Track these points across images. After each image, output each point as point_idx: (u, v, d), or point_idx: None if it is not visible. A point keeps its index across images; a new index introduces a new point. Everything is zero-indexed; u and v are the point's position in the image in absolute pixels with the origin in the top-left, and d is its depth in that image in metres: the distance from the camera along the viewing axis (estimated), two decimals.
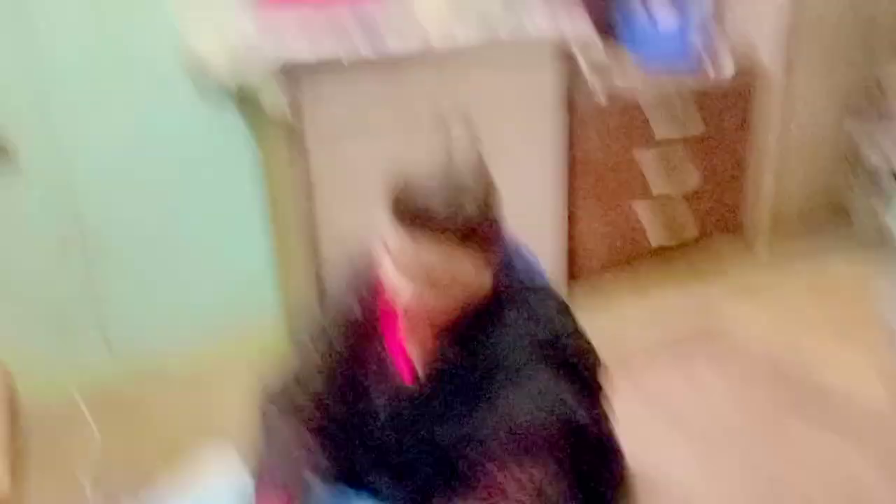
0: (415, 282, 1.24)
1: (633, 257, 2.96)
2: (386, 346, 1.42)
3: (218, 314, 2.74)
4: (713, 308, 2.93)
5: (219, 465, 1.62)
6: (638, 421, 2.28)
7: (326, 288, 2.32)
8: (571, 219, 2.79)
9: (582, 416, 1.32)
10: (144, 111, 2.44)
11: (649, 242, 2.96)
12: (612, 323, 2.81)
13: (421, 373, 1.39)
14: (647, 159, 2.85)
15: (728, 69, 3.04)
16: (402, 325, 1.39)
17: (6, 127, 2.27)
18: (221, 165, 2.61)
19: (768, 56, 3.04)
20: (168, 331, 2.67)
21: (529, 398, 1.25)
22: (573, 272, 2.85)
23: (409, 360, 1.41)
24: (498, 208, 1.28)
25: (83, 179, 2.41)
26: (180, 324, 2.68)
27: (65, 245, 2.43)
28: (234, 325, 2.75)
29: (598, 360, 1.38)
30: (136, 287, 2.57)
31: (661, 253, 3.02)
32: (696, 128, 2.91)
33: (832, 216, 3.41)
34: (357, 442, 1.46)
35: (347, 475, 1.45)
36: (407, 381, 1.40)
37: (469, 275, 1.25)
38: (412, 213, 1.21)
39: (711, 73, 3.02)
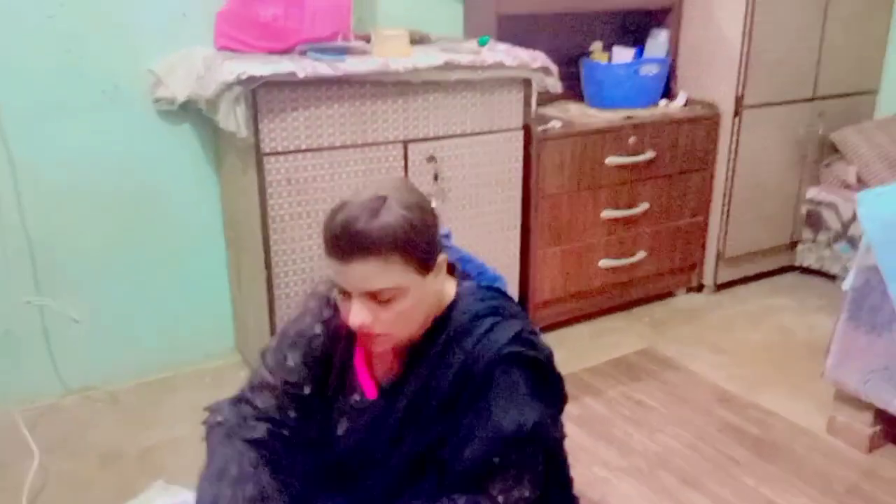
0: (364, 302, 1.24)
1: (586, 285, 3.00)
2: (349, 361, 1.42)
3: (170, 340, 2.69)
4: (659, 335, 3.01)
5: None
6: (580, 441, 2.31)
7: (280, 309, 2.35)
8: (526, 247, 2.82)
9: (557, 432, 1.36)
10: (98, 128, 2.41)
11: (601, 270, 3.01)
12: (562, 348, 2.84)
13: (385, 385, 1.39)
14: (600, 190, 2.91)
15: (681, 105, 3.15)
16: (363, 342, 1.39)
17: None
18: (178, 186, 2.59)
19: (721, 95, 3.14)
20: (117, 355, 2.61)
21: (515, 409, 1.26)
22: (526, 300, 2.88)
23: (371, 374, 1.40)
24: (429, 222, 1.28)
25: (33, 196, 2.36)
26: (131, 348, 2.63)
27: (12, 262, 2.38)
28: (186, 350, 2.72)
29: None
30: (86, 309, 2.50)
31: (613, 281, 3.07)
32: (649, 161, 2.98)
33: (778, 253, 3.51)
34: (312, 456, 1.45)
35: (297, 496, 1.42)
36: (369, 395, 1.40)
37: (416, 285, 1.25)
38: (335, 236, 1.22)
39: (666, 109, 3.11)
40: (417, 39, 2.59)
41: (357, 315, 1.24)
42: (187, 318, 2.71)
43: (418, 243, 1.23)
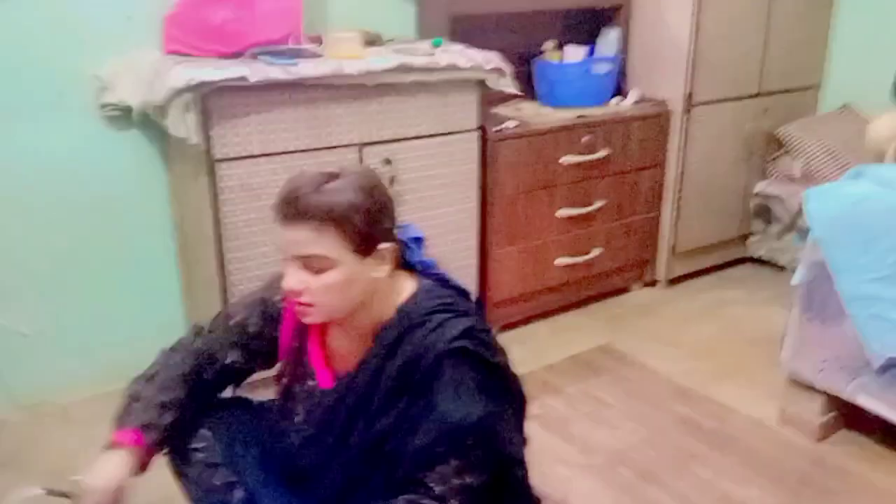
0: (298, 269, 1.30)
1: (543, 283, 3.02)
2: (303, 350, 1.47)
3: (122, 351, 2.59)
4: (616, 331, 3.04)
5: None
6: (541, 440, 2.33)
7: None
8: (484, 248, 2.83)
9: (505, 430, 1.38)
10: (42, 135, 2.34)
11: (558, 268, 3.03)
12: (520, 346, 2.86)
13: (341, 376, 1.42)
14: (555, 188, 2.93)
15: (633, 103, 3.18)
16: (315, 330, 1.45)
17: None
18: (127, 193, 2.53)
19: (671, 92, 3.18)
20: (68, 368, 2.54)
21: (461, 402, 1.30)
22: (484, 299, 2.89)
23: (328, 365, 1.45)
24: (376, 209, 1.32)
25: None
26: (82, 361, 2.56)
27: None
28: (138, 361, 2.57)
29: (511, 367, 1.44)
30: (35, 322, 2.44)
31: (569, 279, 3.10)
32: (603, 159, 3.01)
33: (730, 246, 3.58)
34: (269, 445, 1.52)
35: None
36: (322, 384, 1.44)
37: (349, 263, 1.29)
38: (280, 201, 1.30)
39: (617, 107, 3.14)
40: (370, 41, 2.57)
41: (289, 279, 1.31)
42: (139, 327, 2.64)
43: (356, 223, 1.28)
